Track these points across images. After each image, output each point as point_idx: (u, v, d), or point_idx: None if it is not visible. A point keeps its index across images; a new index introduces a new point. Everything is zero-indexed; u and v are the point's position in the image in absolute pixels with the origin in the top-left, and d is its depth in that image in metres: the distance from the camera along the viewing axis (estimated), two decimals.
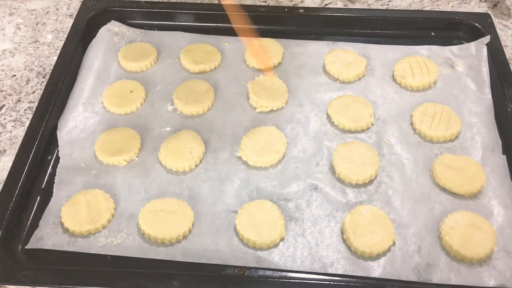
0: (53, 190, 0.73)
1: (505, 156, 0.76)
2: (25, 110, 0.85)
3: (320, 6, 1.02)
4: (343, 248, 0.67)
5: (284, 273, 0.66)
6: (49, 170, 0.76)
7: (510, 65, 0.86)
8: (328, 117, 0.82)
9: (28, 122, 0.79)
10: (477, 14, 0.95)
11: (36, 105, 0.82)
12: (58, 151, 0.77)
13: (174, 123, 0.81)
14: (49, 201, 0.72)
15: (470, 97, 0.84)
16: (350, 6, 1.03)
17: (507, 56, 0.89)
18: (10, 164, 0.74)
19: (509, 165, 0.75)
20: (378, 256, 0.66)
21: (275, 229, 0.68)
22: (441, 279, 0.65)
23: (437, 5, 1.02)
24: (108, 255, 0.67)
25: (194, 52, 0.90)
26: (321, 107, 0.83)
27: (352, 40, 0.93)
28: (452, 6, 1.02)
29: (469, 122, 0.81)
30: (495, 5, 1.02)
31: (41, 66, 0.92)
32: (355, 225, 0.68)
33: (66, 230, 0.69)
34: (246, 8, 0.95)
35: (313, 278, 0.65)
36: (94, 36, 0.92)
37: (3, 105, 0.86)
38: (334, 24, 0.95)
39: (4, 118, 0.84)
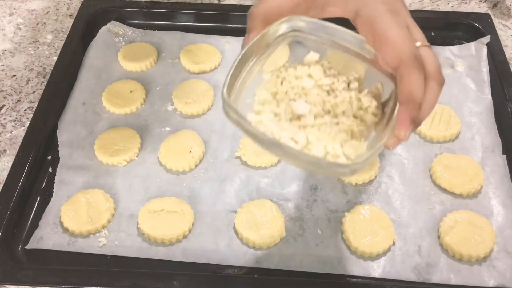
0: (53, 190, 0.73)
1: (505, 156, 0.76)
2: (25, 110, 0.85)
3: None
4: (343, 248, 0.67)
5: (284, 273, 0.66)
6: (49, 170, 0.76)
7: (510, 65, 0.86)
8: None
9: (28, 122, 0.79)
10: (477, 14, 0.95)
11: (36, 105, 0.82)
12: (58, 151, 0.77)
13: (174, 123, 0.81)
14: (49, 201, 0.72)
15: (470, 97, 0.84)
16: None
17: (507, 56, 0.89)
18: (10, 164, 0.74)
19: (509, 165, 0.75)
20: (378, 256, 0.66)
21: (275, 229, 0.68)
22: (441, 279, 0.65)
23: (437, 5, 1.02)
24: (108, 255, 0.67)
25: (194, 52, 0.90)
26: None
27: None
28: (452, 6, 1.02)
29: (469, 122, 0.81)
30: (495, 5, 1.02)
31: (41, 66, 0.92)
32: (354, 225, 0.68)
33: (66, 230, 0.69)
34: (246, 8, 0.95)
35: (313, 278, 0.65)
36: (94, 36, 0.92)
37: (3, 105, 0.86)
38: (337, 22, 0.95)
39: (4, 118, 0.84)
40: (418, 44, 0.47)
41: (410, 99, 0.45)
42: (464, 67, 0.88)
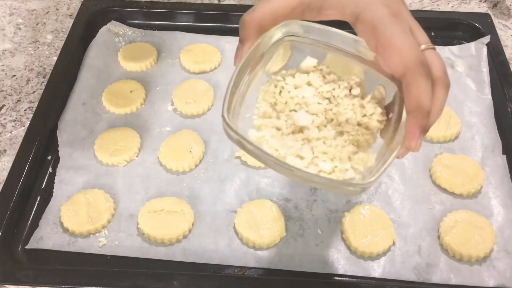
0: (53, 190, 0.73)
1: (505, 156, 0.76)
2: (25, 110, 0.85)
3: None
4: (343, 248, 0.67)
5: (284, 273, 0.66)
6: (49, 170, 0.76)
7: (510, 65, 0.86)
8: None
9: (28, 122, 0.79)
10: (477, 14, 0.95)
11: (36, 105, 0.82)
12: (58, 151, 0.77)
13: (174, 123, 0.81)
14: (49, 201, 0.72)
15: (470, 97, 0.84)
16: None
17: (507, 56, 0.89)
18: (10, 164, 0.74)
19: (509, 165, 0.75)
20: (378, 256, 0.66)
21: (275, 228, 0.68)
22: (441, 279, 0.65)
23: (437, 5, 1.02)
24: (108, 255, 0.67)
25: (194, 52, 0.90)
26: None
27: None
28: (452, 6, 1.02)
29: (469, 122, 0.81)
30: (495, 5, 1.02)
31: (41, 66, 0.92)
32: (354, 225, 0.68)
33: (66, 230, 0.69)
34: (246, 8, 0.95)
35: (313, 278, 0.65)
36: (94, 36, 0.92)
37: (3, 105, 0.86)
38: (334, 24, 0.95)
39: (4, 118, 0.84)
40: (422, 47, 0.46)
41: (419, 108, 0.43)
42: (464, 67, 0.88)
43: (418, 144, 0.44)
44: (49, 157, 0.77)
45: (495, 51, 0.88)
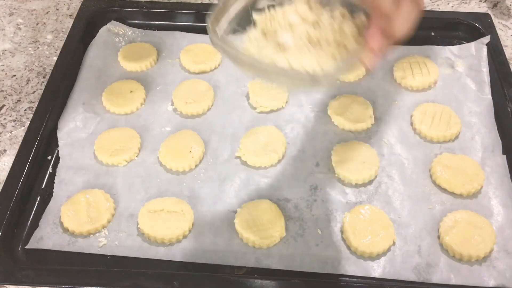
0: (53, 190, 0.73)
1: (505, 156, 0.76)
2: (25, 110, 0.85)
3: None
4: (343, 248, 0.67)
5: (284, 273, 0.66)
6: (49, 170, 0.76)
7: (510, 65, 0.86)
8: (328, 117, 0.82)
9: (28, 122, 0.79)
10: (477, 14, 0.95)
11: (36, 105, 0.82)
12: (58, 151, 0.77)
13: (174, 123, 0.81)
14: (49, 201, 0.72)
15: (470, 97, 0.84)
16: None
17: (507, 56, 0.89)
18: (10, 164, 0.74)
19: (509, 165, 0.75)
20: (378, 256, 0.66)
21: (275, 228, 0.68)
22: (441, 279, 0.65)
23: (437, 5, 1.02)
24: (108, 255, 0.67)
25: (194, 52, 0.90)
26: (321, 107, 0.83)
27: None
28: (452, 6, 1.02)
29: (469, 122, 0.81)
30: (495, 5, 1.02)
31: (41, 66, 0.92)
32: (354, 225, 0.68)
33: (66, 230, 0.69)
34: None
35: (313, 278, 0.65)
36: (94, 36, 0.92)
37: (3, 105, 0.86)
38: None
39: (4, 118, 0.84)
40: None
41: (376, 8, 0.45)
42: (464, 67, 0.88)
43: (381, 46, 0.46)
44: (49, 157, 0.77)
45: (495, 51, 0.88)
